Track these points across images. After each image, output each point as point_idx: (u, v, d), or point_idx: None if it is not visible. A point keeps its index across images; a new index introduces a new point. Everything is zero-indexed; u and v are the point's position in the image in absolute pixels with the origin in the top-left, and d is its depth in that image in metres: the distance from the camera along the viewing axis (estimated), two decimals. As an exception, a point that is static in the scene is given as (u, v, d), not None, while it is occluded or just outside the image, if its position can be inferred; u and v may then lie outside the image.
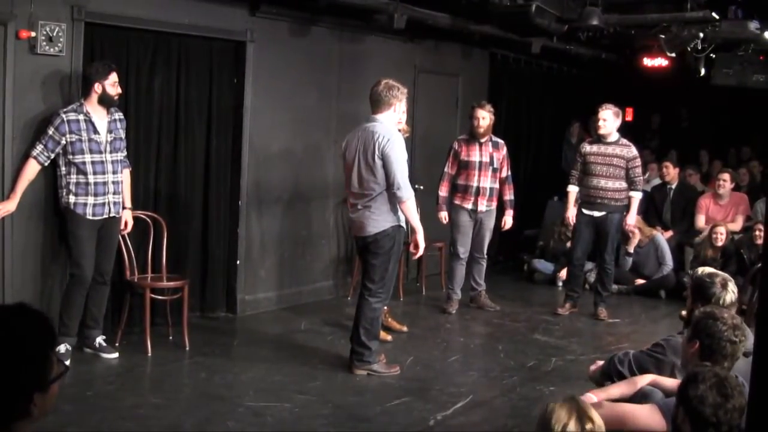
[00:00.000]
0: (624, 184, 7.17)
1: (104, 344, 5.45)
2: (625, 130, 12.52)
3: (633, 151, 7.21)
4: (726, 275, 3.72)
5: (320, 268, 7.56)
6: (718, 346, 3.00)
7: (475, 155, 7.17)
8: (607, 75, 11.29)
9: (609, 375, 3.71)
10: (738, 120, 10.99)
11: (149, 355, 5.49)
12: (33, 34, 5.17)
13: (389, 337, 6.27)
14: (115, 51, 5.78)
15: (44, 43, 5.24)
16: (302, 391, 5.07)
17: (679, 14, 7.04)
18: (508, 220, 7.50)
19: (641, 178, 7.38)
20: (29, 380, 1.71)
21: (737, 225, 8.62)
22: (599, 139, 7.27)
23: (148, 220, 5.92)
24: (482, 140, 7.17)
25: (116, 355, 5.44)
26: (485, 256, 7.47)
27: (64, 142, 5.15)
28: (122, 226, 5.58)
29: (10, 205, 5.11)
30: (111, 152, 5.37)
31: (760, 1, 7.01)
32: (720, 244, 7.98)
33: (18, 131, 5.21)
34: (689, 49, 7.53)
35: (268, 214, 6.96)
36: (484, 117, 7.12)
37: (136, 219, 5.83)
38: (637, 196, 7.28)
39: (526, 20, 6.76)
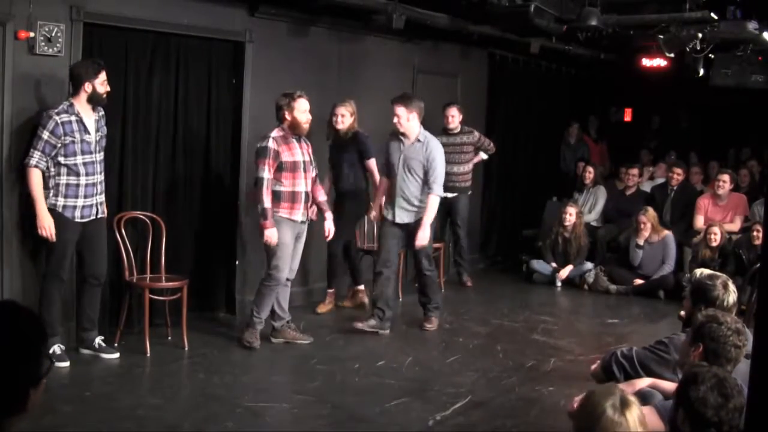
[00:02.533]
0: (469, 167, 8.26)
1: (103, 344, 5.44)
2: (623, 130, 12.62)
3: (476, 133, 8.33)
4: (725, 276, 3.73)
5: (319, 268, 7.55)
6: (723, 349, 3.00)
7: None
8: (605, 75, 11.30)
9: (608, 369, 3.71)
10: (737, 120, 10.99)
11: (148, 355, 5.49)
12: (32, 34, 5.16)
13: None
14: (113, 51, 5.78)
15: (43, 44, 5.23)
16: (301, 391, 5.07)
17: (677, 15, 7.03)
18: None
19: (490, 144, 8.46)
20: (27, 377, 1.74)
21: (736, 226, 8.63)
22: (447, 132, 8.09)
23: (147, 220, 5.92)
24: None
25: (116, 355, 5.42)
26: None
27: (59, 145, 5.05)
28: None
29: (48, 221, 5.03)
30: (99, 151, 5.29)
31: (758, 1, 7.01)
32: (714, 244, 8.00)
33: (16, 131, 5.20)
34: (688, 49, 7.53)
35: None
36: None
37: (135, 219, 5.83)
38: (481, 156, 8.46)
39: (525, 20, 6.76)
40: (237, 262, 6.76)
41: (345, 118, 6.80)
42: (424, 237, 6.31)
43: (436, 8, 7.41)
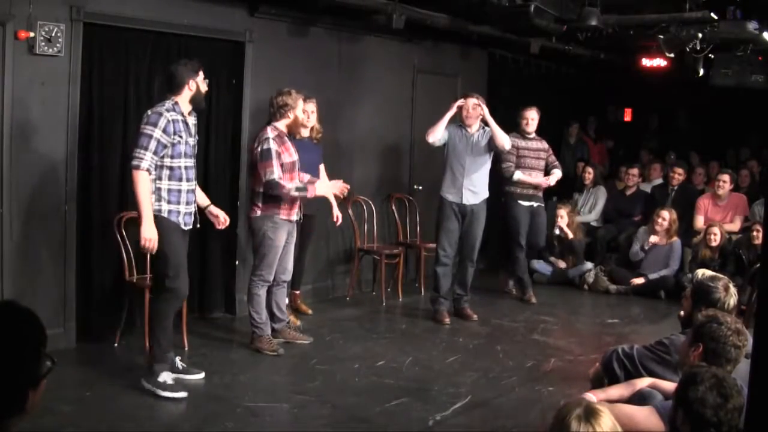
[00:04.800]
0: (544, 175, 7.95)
1: (183, 365, 5.11)
2: (623, 130, 12.62)
3: (545, 143, 7.98)
4: (727, 279, 3.73)
5: (319, 268, 7.56)
6: (723, 350, 3.00)
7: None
8: (605, 75, 11.30)
9: (609, 366, 3.70)
10: (737, 120, 10.99)
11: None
12: (32, 34, 5.16)
13: (298, 322, 6.45)
14: (114, 51, 5.79)
15: (43, 44, 5.23)
16: (301, 391, 5.07)
17: (677, 14, 7.03)
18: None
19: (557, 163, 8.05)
20: (25, 377, 1.72)
21: (736, 226, 8.63)
22: (524, 136, 7.82)
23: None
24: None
25: (201, 375, 5.14)
26: None
27: (169, 144, 4.67)
28: (222, 220, 5.27)
29: (153, 233, 4.66)
30: (194, 156, 4.95)
31: (758, 1, 7.00)
32: (714, 244, 8.00)
33: (17, 132, 5.20)
34: (688, 49, 7.52)
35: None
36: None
37: (133, 220, 5.82)
38: (559, 173, 7.93)
39: (525, 20, 6.75)
40: (237, 262, 6.76)
41: (314, 115, 6.55)
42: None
43: (436, 8, 7.41)
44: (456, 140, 6.93)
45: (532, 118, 7.76)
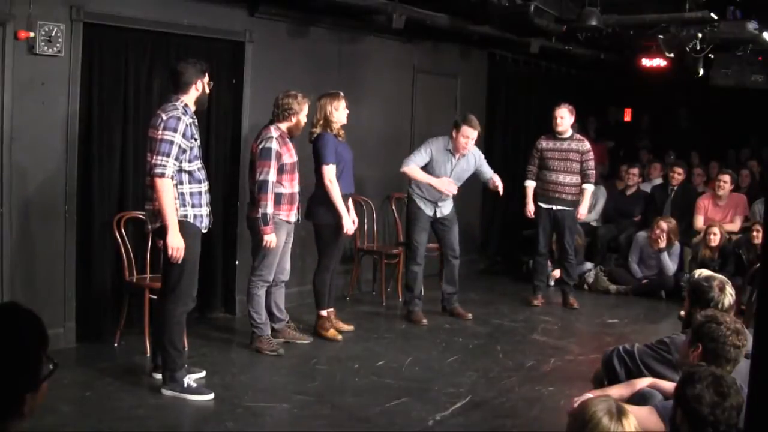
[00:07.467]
0: (578, 179, 7.56)
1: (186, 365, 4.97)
2: (623, 130, 12.63)
3: (586, 145, 7.61)
4: (723, 278, 3.73)
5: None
6: (722, 350, 3.00)
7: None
8: (605, 75, 11.30)
9: (609, 364, 3.70)
10: (737, 120, 11.00)
11: (148, 355, 5.47)
12: (32, 34, 5.16)
13: (339, 337, 6.30)
14: (114, 51, 5.79)
15: (43, 44, 5.23)
16: (301, 391, 5.07)
17: (677, 14, 7.04)
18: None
19: (593, 171, 7.64)
20: (22, 381, 1.69)
21: (736, 226, 8.63)
22: (555, 136, 7.58)
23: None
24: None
25: (203, 374, 5.18)
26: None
27: (187, 149, 4.62)
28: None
29: (179, 240, 4.62)
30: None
31: (758, 1, 7.01)
32: (714, 244, 8.00)
33: (17, 132, 5.20)
34: (688, 49, 7.53)
35: (266, 215, 6.94)
36: None
37: (134, 219, 5.82)
38: (588, 189, 7.62)
39: (525, 20, 6.76)
40: (237, 262, 6.76)
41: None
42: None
43: (436, 8, 7.41)
44: (440, 162, 6.75)
45: (561, 116, 7.46)
